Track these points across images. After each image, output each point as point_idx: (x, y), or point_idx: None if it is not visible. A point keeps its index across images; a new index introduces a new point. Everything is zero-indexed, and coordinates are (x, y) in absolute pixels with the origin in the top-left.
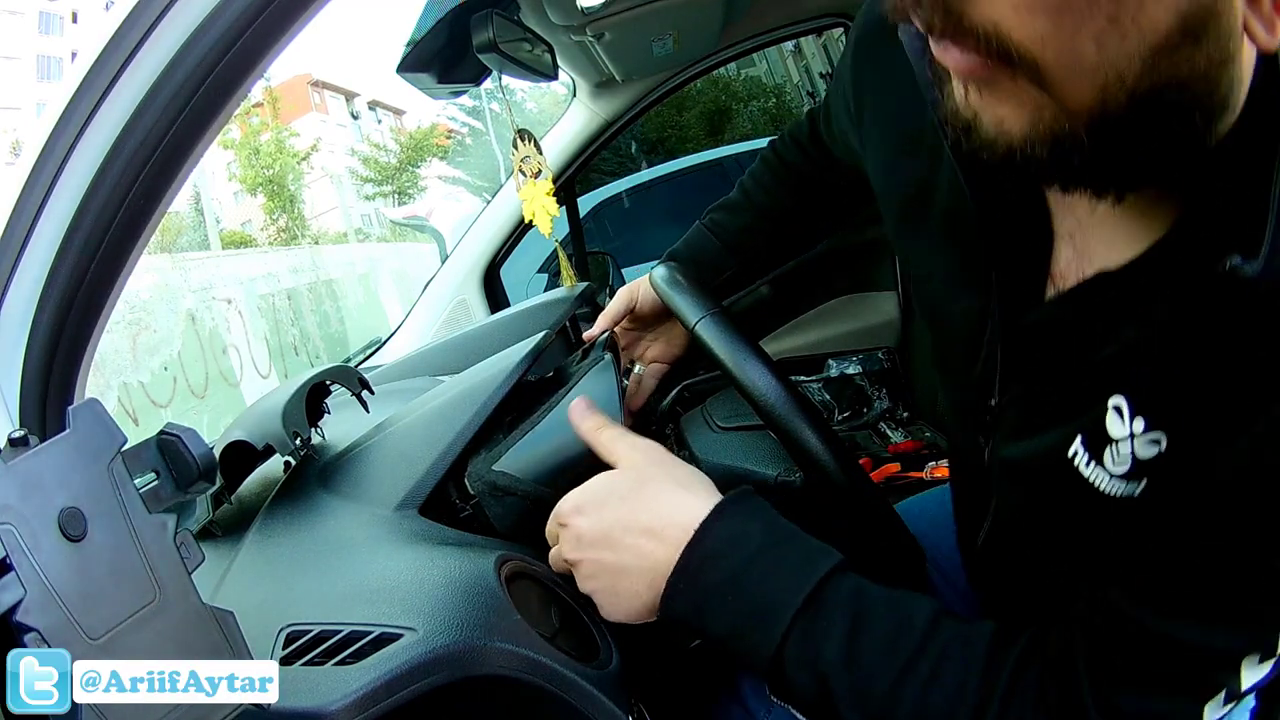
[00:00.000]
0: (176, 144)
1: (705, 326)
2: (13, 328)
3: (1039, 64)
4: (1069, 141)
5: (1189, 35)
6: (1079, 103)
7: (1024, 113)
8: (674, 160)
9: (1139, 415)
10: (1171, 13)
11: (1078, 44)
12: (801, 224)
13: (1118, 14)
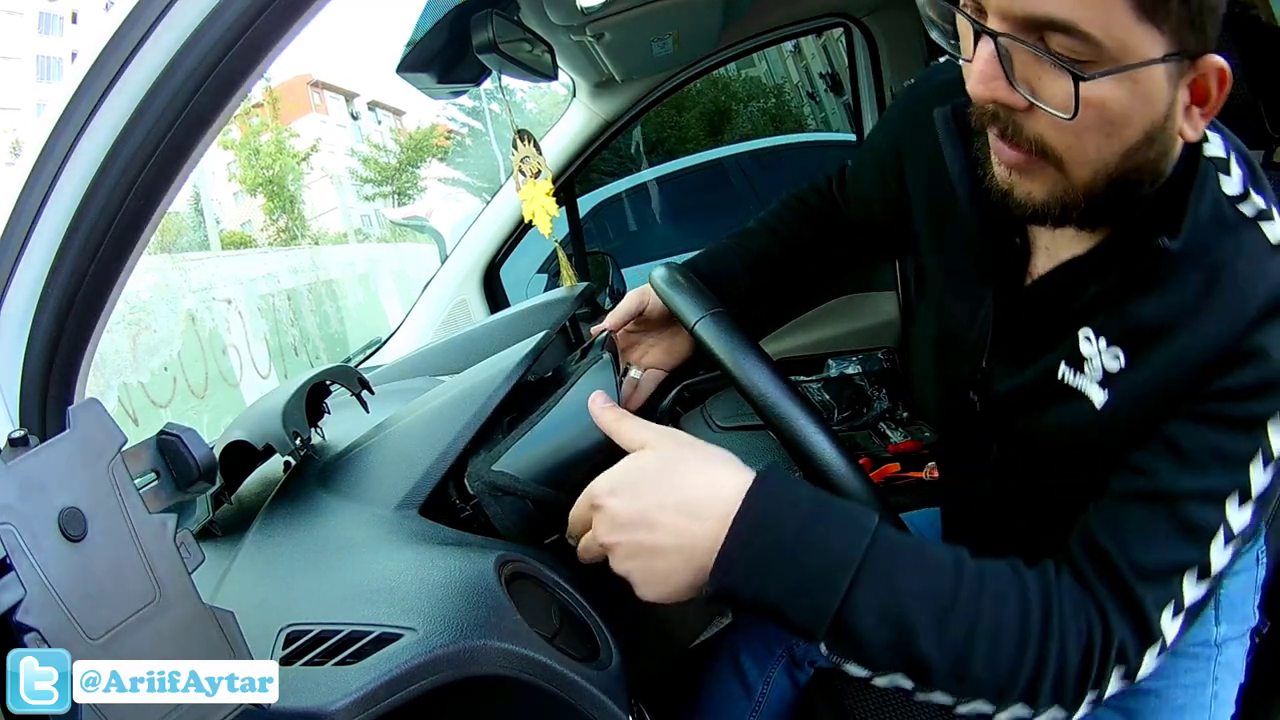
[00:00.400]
0: (176, 144)
1: (705, 326)
2: (13, 328)
3: (1062, 160)
4: (1071, 204)
5: (1148, 140)
6: (1080, 182)
7: (1046, 188)
8: (674, 160)
9: (1102, 337)
10: (1140, 129)
11: (1086, 148)
12: (818, 255)
13: (1111, 131)
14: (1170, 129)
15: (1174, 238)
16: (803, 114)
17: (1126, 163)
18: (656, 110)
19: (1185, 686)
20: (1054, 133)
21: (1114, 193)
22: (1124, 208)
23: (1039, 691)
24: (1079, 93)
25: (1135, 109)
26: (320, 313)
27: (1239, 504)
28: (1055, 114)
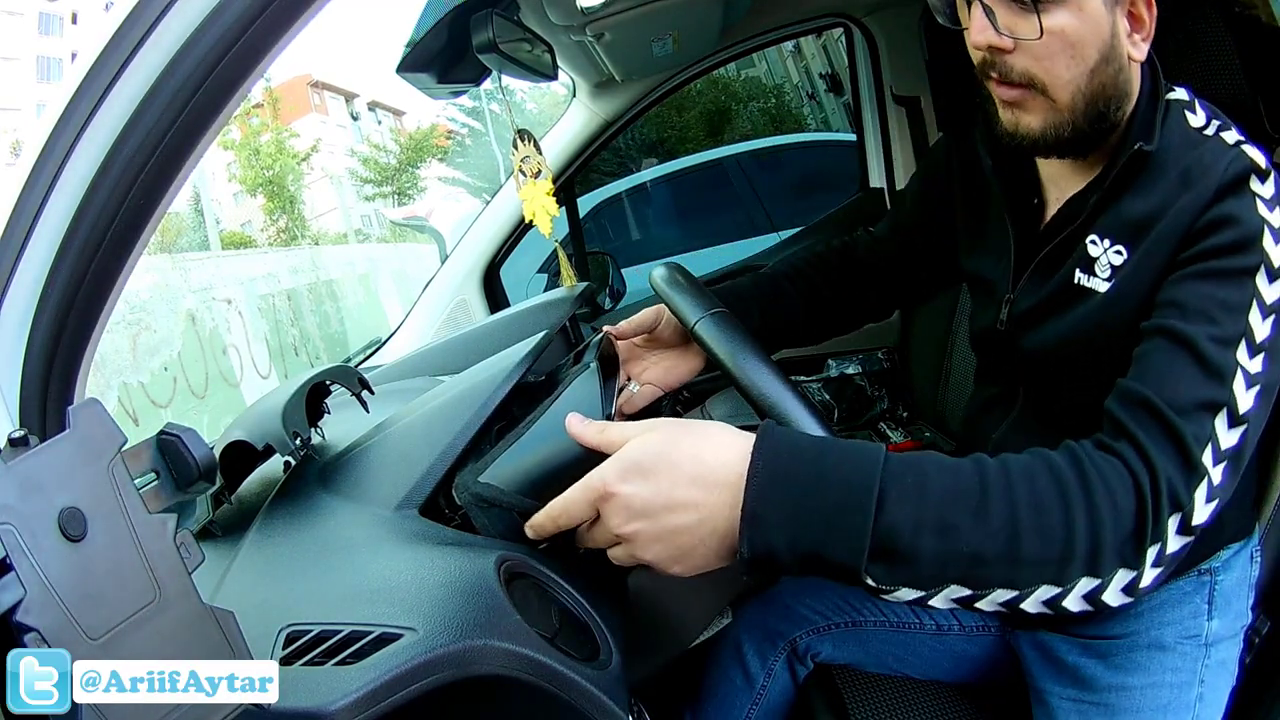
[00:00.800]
0: (176, 144)
1: (705, 326)
2: (13, 328)
3: (1046, 86)
4: (1062, 127)
5: (1104, 60)
6: (1064, 103)
7: (1040, 117)
8: (674, 160)
9: (1105, 239)
10: (1095, 50)
11: (1060, 71)
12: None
13: (1075, 53)
14: (1119, 49)
15: (1150, 143)
16: (803, 114)
17: (1094, 82)
18: (656, 110)
19: (1171, 685)
20: (1034, 64)
21: (1092, 111)
22: (1103, 131)
23: (1101, 553)
24: (1042, 20)
25: (1087, 32)
26: (320, 313)
27: (1249, 352)
28: (1028, 40)
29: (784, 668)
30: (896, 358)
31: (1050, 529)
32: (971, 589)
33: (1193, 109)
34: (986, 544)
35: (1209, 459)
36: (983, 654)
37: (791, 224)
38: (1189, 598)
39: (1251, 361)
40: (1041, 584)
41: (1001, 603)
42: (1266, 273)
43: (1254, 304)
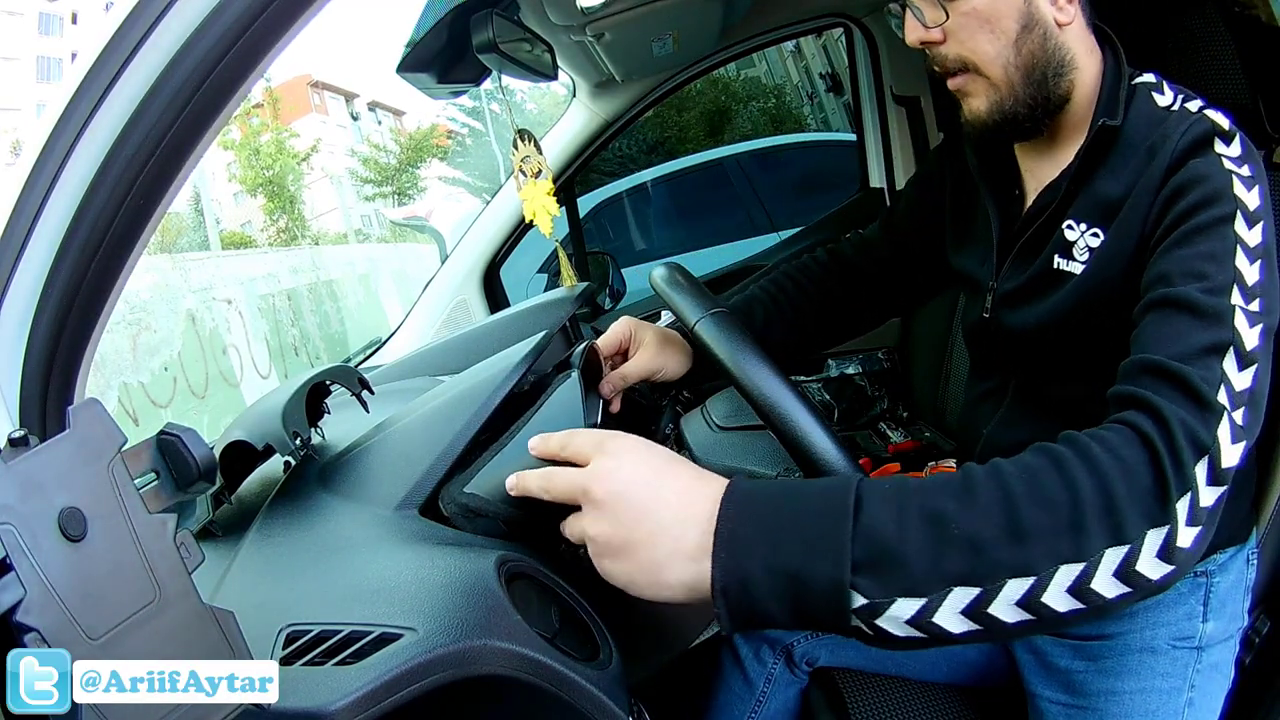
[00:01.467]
0: (176, 144)
1: (705, 326)
2: (13, 328)
3: (978, 65)
4: (1008, 105)
5: (1025, 29)
6: (999, 79)
7: (985, 99)
8: (674, 160)
9: (1081, 222)
10: (1013, 20)
11: (985, 48)
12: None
13: (994, 28)
14: (1040, 16)
15: (1114, 118)
16: (803, 114)
17: (1021, 52)
18: (656, 110)
19: (1160, 690)
20: (961, 47)
21: (1030, 81)
22: (1050, 105)
23: (1119, 512)
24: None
25: (1001, 5)
26: (320, 313)
27: (1244, 296)
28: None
29: (784, 672)
30: (896, 358)
31: (1049, 492)
32: (980, 586)
33: (1160, 90)
34: (980, 523)
35: (1224, 399)
36: (981, 658)
37: (791, 224)
38: (1184, 599)
39: (1250, 304)
40: (1060, 563)
41: (1021, 600)
42: (1244, 218)
43: (1238, 250)
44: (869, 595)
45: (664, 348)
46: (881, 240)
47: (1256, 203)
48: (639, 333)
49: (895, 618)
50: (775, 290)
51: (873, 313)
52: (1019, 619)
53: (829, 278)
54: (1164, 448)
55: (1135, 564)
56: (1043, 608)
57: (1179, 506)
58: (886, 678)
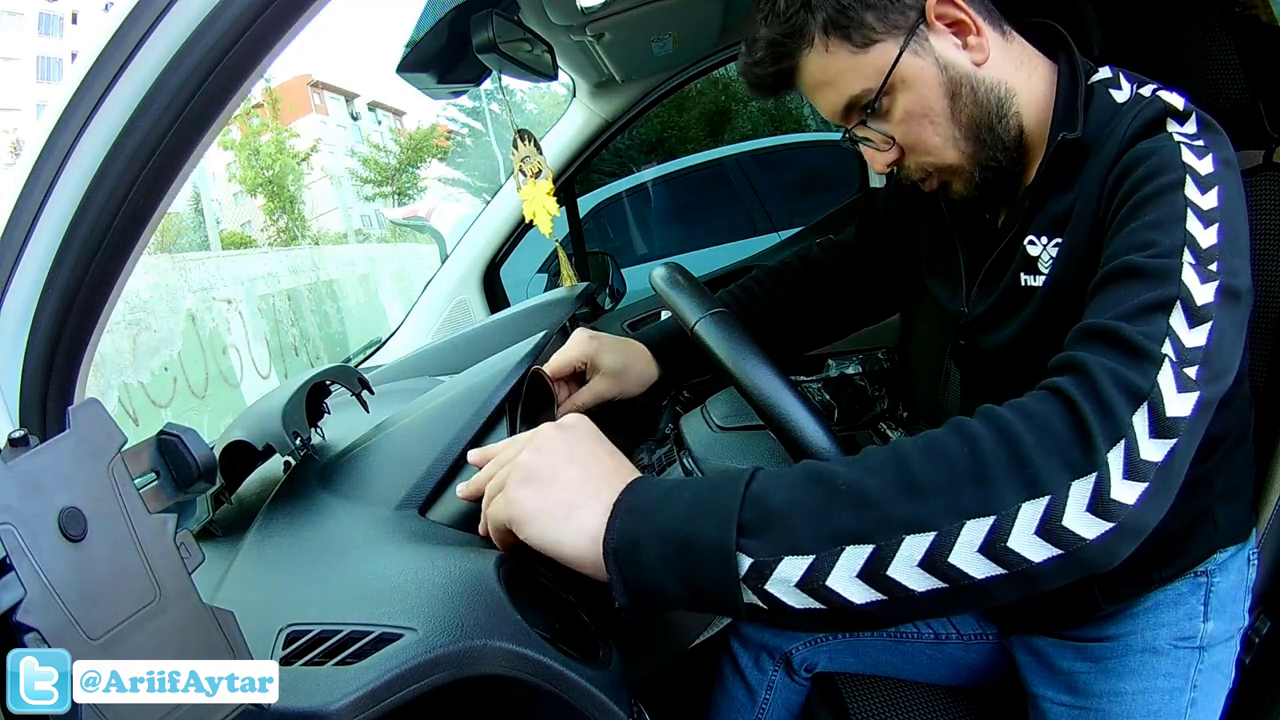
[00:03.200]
0: (176, 144)
1: (705, 326)
2: (13, 328)
3: (935, 162)
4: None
5: (953, 95)
6: (958, 159)
7: (958, 179)
8: (674, 160)
9: (1042, 235)
10: (939, 96)
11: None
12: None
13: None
14: (958, 74)
15: (1073, 130)
16: (802, 114)
17: (961, 119)
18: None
19: (1163, 690)
20: (915, 155)
21: (981, 139)
22: (1009, 143)
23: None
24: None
25: (920, 94)
26: (320, 313)
27: (1195, 256)
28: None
29: (784, 679)
30: (896, 358)
31: (945, 450)
32: (873, 543)
33: (1117, 84)
34: (869, 480)
35: (1169, 350)
36: (981, 661)
37: (791, 224)
38: (1185, 599)
39: (1202, 265)
40: (964, 518)
41: (924, 560)
42: (1195, 182)
43: (1188, 213)
44: (755, 554)
45: (623, 368)
46: (857, 246)
47: (1209, 169)
48: (596, 355)
49: (784, 580)
50: (743, 295)
51: (845, 318)
52: (928, 586)
53: (800, 283)
54: (1084, 396)
55: (1060, 518)
56: (952, 570)
57: (1110, 456)
58: (887, 680)
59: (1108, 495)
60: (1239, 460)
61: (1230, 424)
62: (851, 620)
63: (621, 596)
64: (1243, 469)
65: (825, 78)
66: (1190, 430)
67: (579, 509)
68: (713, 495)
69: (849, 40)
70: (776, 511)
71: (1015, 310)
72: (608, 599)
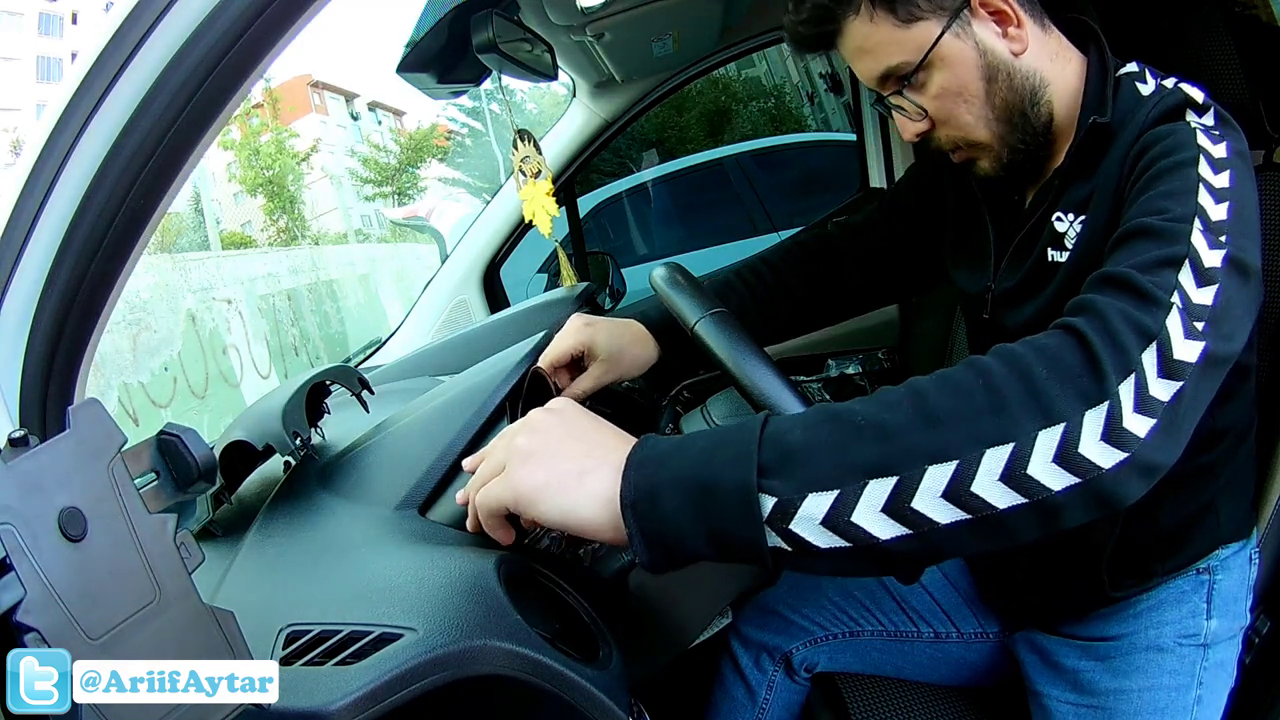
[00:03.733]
0: (176, 144)
1: (705, 326)
2: (13, 328)
3: (968, 136)
4: (1005, 158)
5: (989, 78)
6: (989, 137)
7: (986, 157)
8: (674, 160)
9: (1070, 213)
10: (976, 78)
11: (964, 117)
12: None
13: (965, 97)
14: (996, 59)
15: (1103, 115)
16: (803, 114)
17: (995, 102)
18: (656, 110)
19: (1169, 688)
20: (947, 128)
21: (1013, 122)
22: (1039, 130)
23: (1043, 394)
24: (923, 96)
25: (957, 73)
26: (320, 313)
27: (1205, 227)
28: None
29: (784, 680)
30: (896, 358)
31: (961, 383)
32: (896, 474)
33: (1143, 79)
34: (888, 414)
35: (1177, 300)
36: (981, 660)
37: (791, 224)
38: (1187, 597)
39: (1211, 233)
40: (984, 446)
41: (948, 490)
42: (1208, 163)
43: (1200, 188)
44: (778, 494)
45: (620, 351)
46: (873, 226)
47: (1222, 153)
48: (593, 341)
49: (809, 518)
50: (750, 275)
51: (851, 300)
52: (953, 517)
53: (811, 260)
54: (1095, 331)
55: (1076, 445)
56: (975, 500)
57: (1122, 388)
58: (887, 680)
59: (1120, 424)
60: (1242, 456)
61: (1234, 418)
62: (876, 559)
63: (642, 552)
64: (1245, 465)
65: (867, 46)
66: (1197, 379)
67: (589, 474)
68: (728, 439)
69: (894, 14)
70: (796, 449)
71: (1041, 285)
72: (609, 600)
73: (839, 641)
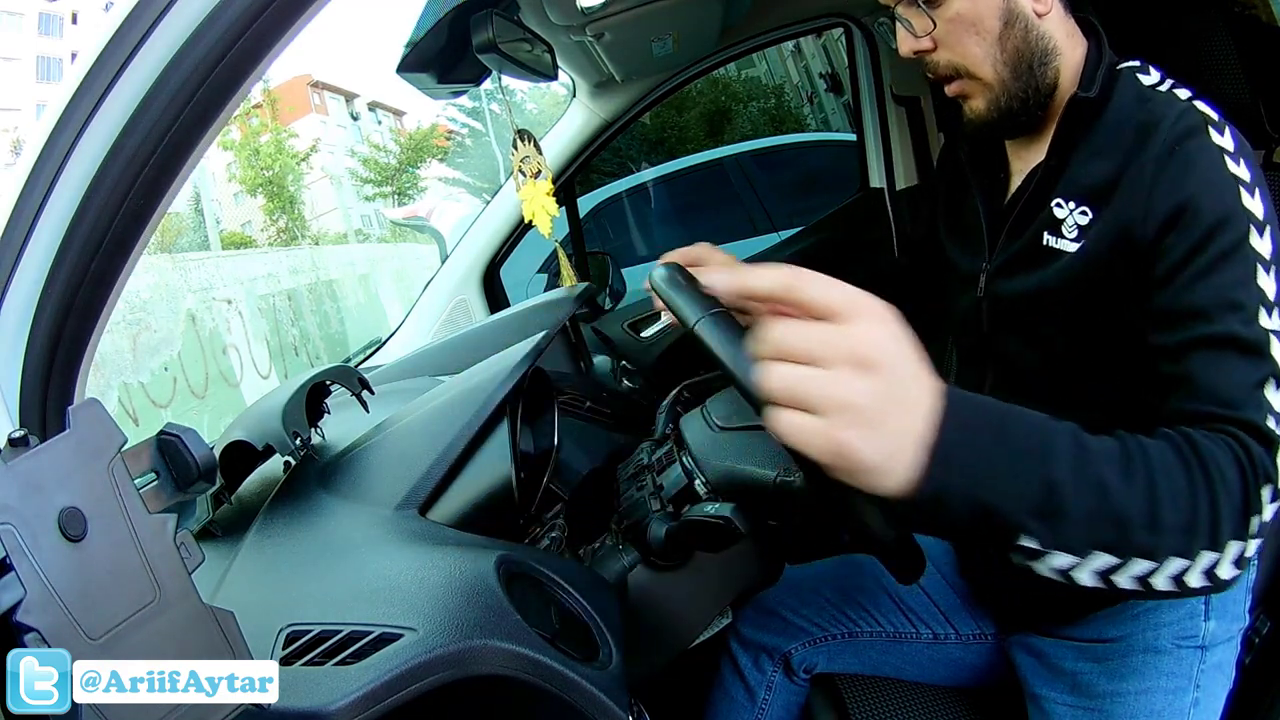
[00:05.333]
0: (176, 144)
1: (705, 326)
2: (13, 328)
3: (970, 69)
4: (1002, 102)
5: (1007, 25)
6: (992, 78)
7: (982, 99)
8: (674, 160)
9: (1070, 201)
10: (994, 19)
11: (973, 50)
12: None
13: (978, 30)
14: (1019, 10)
15: (1086, 90)
16: (803, 114)
17: (1006, 47)
18: (656, 110)
19: (1166, 690)
20: (951, 53)
21: (1018, 73)
22: (1041, 94)
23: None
24: (937, 14)
25: (978, 5)
26: (320, 313)
27: (1268, 312)
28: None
29: (783, 680)
30: None
31: (1180, 496)
32: (1118, 558)
33: (1145, 71)
34: (1131, 506)
35: (1273, 424)
36: (980, 662)
37: (791, 224)
38: (1185, 599)
39: (1272, 319)
40: (1172, 556)
41: (1137, 576)
42: (1255, 229)
43: (1257, 267)
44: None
45: None
46: (906, 251)
47: (1261, 209)
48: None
49: (1048, 564)
50: None
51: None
52: (1130, 588)
53: None
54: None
55: (1218, 568)
56: (1149, 585)
57: (1253, 524)
58: (886, 681)
59: (1245, 555)
60: None
61: None
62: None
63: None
64: None
65: None
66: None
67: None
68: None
69: None
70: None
71: (1038, 265)
72: (609, 600)
73: (838, 642)
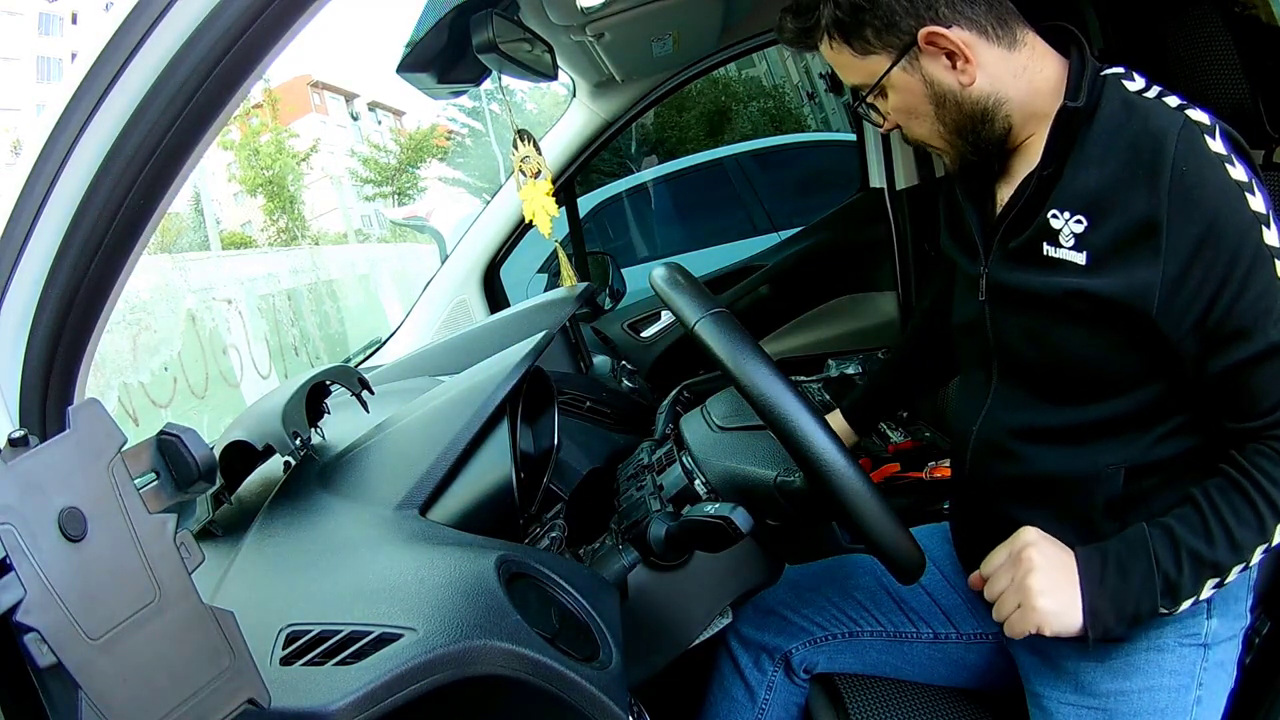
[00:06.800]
0: (176, 144)
1: (705, 326)
2: (13, 328)
3: (924, 141)
4: (959, 157)
5: (940, 104)
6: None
7: (946, 156)
8: (674, 160)
9: (1064, 210)
10: (925, 102)
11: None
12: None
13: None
14: (945, 90)
15: (1074, 100)
16: (802, 114)
17: (946, 121)
18: (656, 110)
19: (1168, 688)
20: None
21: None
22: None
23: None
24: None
25: (907, 99)
26: (320, 313)
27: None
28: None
29: (783, 680)
30: None
31: (1247, 518)
32: (1221, 577)
33: (1130, 78)
34: (1220, 554)
35: None
36: (980, 661)
37: (791, 224)
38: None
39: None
40: (1256, 550)
41: (1239, 572)
42: (1264, 226)
43: (1274, 262)
44: (1170, 608)
45: None
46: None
47: (1263, 205)
48: None
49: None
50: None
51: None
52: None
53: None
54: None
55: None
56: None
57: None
58: (886, 681)
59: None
60: None
61: None
62: None
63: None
64: None
65: (835, 65)
66: None
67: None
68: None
69: (850, 46)
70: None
71: (1040, 271)
72: (609, 600)
73: (838, 642)
